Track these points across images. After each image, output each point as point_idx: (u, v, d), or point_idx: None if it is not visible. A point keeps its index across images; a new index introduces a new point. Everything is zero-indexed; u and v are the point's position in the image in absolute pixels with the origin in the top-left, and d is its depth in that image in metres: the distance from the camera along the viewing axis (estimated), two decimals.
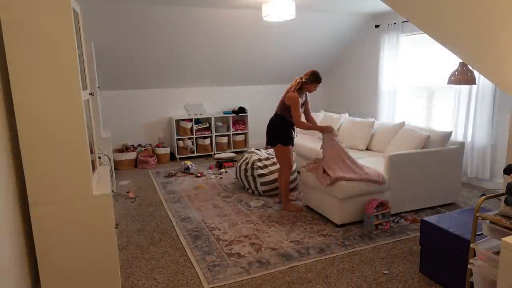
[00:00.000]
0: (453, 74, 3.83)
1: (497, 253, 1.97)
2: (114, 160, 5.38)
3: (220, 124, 6.73)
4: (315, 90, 3.81)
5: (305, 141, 5.30)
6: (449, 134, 4.00)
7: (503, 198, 2.01)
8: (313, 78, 3.71)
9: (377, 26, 5.87)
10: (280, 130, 3.87)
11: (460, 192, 4.09)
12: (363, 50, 6.42)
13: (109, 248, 2.24)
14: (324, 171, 3.59)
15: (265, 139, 4.02)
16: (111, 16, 4.75)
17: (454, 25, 1.85)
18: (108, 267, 2.26)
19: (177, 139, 6.39)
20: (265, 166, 4.42)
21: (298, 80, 3.76)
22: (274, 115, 3.94)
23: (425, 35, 4.43)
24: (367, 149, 4.87)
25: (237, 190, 4.70)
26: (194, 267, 2.88)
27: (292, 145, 3.97)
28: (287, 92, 3.78)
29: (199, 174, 5.38)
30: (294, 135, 3.99)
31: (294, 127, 3.90)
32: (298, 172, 4.57)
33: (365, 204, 3.51)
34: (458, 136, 4.79)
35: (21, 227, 2.08)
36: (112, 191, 4.05)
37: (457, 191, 4.06)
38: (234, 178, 5.21)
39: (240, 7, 4.98)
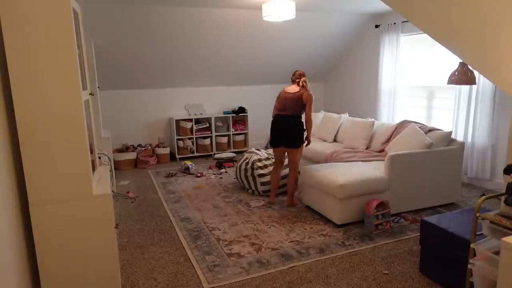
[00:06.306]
0: (453, 74, 3.82)
1: (497, 253, 1.97)
2: (114, 160, 5.38)
3: (220, 124, 6.73)
4: None
5: None
6: (449, 134, 4.00)
7: (503, 198, 2.01)
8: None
9: (377, 26, 5.87)
10: (303, 131, 4.00)
11: (460, 192, 4.09)
12: (363, 50, 6.42)
13: (109, 248, 2.24)
14: None
15: (275, 140, 4.00)
16: (111, 16, 4.75)
17: (454, 25, 1.85)
18: (108, 267, 2.25)
19: (177, 139, 6.39)
20: (265, 166, 4.42)
21: (303, 80, 3.92)
22: (292, 116, 3.91)
23: (425, 35, 4.45)
24: (367, 149, 4.87)
25: (237, 190, 4.70)
26: (194, 267, 2.88)
27: None
28: (303, 84, 3.91)
29: (199, 174, 5.38)
30: None
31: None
32: (298, 172, 4.58)
33: (365, 204, 3.51)
34: (458, 136, 4.79)
35: (21, 227, 2.08)
36: (112, 191, 4.05)
37: (457, 191, 4.06)
38: (234, 178, 5.21)
39: (240, 7, 4.98)
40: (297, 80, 3.97)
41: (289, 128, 3.94)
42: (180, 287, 2.63)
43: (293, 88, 3.95)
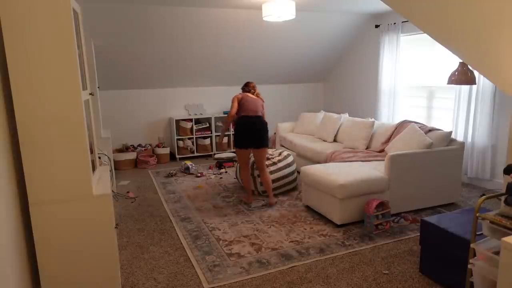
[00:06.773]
0: (453, 74, 3.82)
1: (497, 253, 1.97)
2: (114, 160, 5.38)
3: (220, 124, 6.72)
4: None
5: (305, 141, 5.32)
6: (449, 134, 4.00)
7: (503, 198, 2.01)
8: None
9: (377, 26, 5.87)
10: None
11: (460, 192, 4.09)
12: (363, 50, 6.42)
13: (109, 248, 2.24)
14: None
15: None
16: (111, 16, 4.75)
17: (454, 25, 1.85)
18: (108, 267, 2.26)
19: (177, 139, 6.39)
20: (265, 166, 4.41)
21: (258, 93, 4.28)
22: (260, 117, 4.08)
23: (425, 35, 4.45)
24: (367, 149, 4.87)
25: (237, 190, 4.70)
26: (194, 267, 2.88)
27: None
28: (257, 95, 4.23)
29: (199, 174, 5.38)
30: None
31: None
32: (298, 172, 4.58)
33: (365, 204, 3.51)
34: (458, 136, 4.79)
35: (21, 227, 2.08)
36: (112, 191, 4.05)
37: (457, 191, 4.06)
38: (234, 178, 5.21)
39: (240, 7, 4.98)
40: (252, 91, 4.22)
41: (263, 128, 4.07)
42: (180, 287, 2.63)
43: (252, 95, 4.18)
